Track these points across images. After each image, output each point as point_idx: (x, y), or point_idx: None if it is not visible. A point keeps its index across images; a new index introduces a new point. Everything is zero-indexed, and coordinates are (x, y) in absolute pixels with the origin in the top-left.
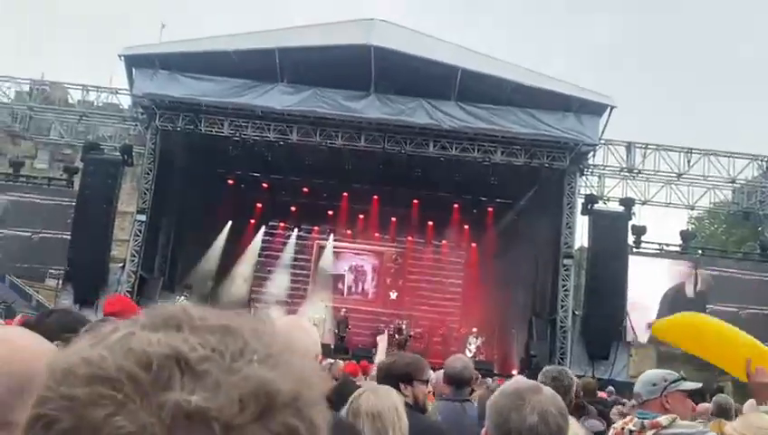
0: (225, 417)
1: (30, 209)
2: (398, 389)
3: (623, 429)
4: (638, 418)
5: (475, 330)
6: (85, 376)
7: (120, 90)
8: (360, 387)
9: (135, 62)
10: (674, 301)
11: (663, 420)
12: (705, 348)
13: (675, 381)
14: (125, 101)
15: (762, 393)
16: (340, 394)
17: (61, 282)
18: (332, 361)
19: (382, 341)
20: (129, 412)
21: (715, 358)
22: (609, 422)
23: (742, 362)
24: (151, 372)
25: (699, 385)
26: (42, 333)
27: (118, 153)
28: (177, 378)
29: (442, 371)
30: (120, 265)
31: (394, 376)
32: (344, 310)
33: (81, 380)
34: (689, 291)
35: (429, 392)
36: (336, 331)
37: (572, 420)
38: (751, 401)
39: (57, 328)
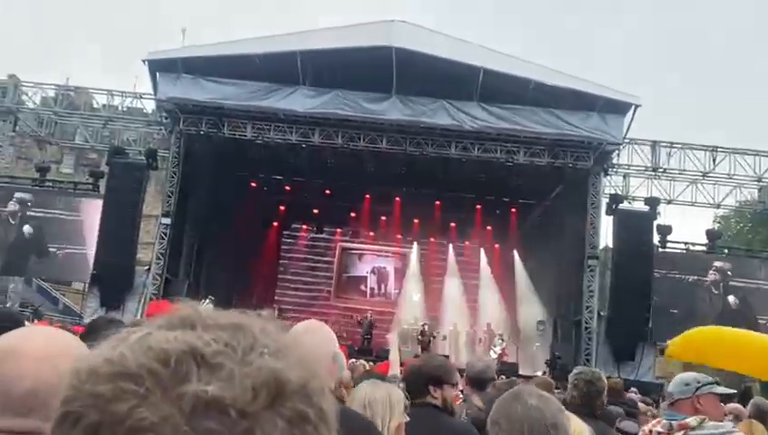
0: (240, 404)
1: (56, 226)
2: (428, 392)
3: (651, 431)
4: (666, 419)
5: (500, 332)
6: (108, 374)
7: (144, 94)
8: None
9: (159, 67)
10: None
11: (692, 420)
12: (727, 357)
13: (708, 384)
14: (149, 106)
15: None
16: None
17: (87, 285)
18: (354, 360)
19: (394, 338)
20: (150, 405)
21: (740, 365)
22: (638, 423)
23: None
24: (170, 367)
25: (733, 391)
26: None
27: (142, 157)
28: (194, 371)
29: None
30: (146, 268)
31: (424, 378)
32: (370, 313)
33: (104, 377)
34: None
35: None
36: (362, 333)
37: (574, 417)
38: None
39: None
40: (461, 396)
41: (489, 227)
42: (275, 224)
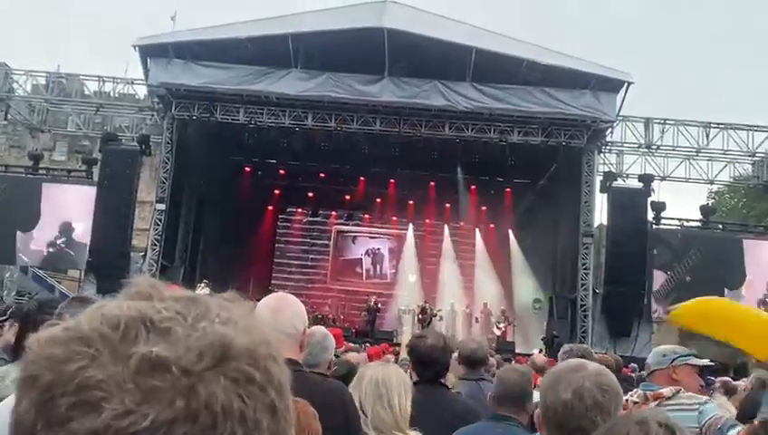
0: (184, 364)
1: None
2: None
3: (627, 401)
4: (642, 389)
5: (502, 308)
6: (63, 338)
7: (135, 80)
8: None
9: (149, 53)
10: None
11: (666, 391)
12: (731, 331)
13: (684, 356)
14: (141, 92)
15: None
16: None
17: (83, 272)
18: (348, 347)
19: (407, 323)
20: (99, 364)
21: (742, 341)
22: None
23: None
24: (119, 331)
25: (708, 362)
26: None
27: (135, 143)
28: (142, 335)
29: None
30: (142, 254)
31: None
32: (374, 298)
33: (59, 342)
34: None
35: None
36: (367, 319)
37: None
38: None
39: None
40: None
41: (484, 208)
42: (270, 208)
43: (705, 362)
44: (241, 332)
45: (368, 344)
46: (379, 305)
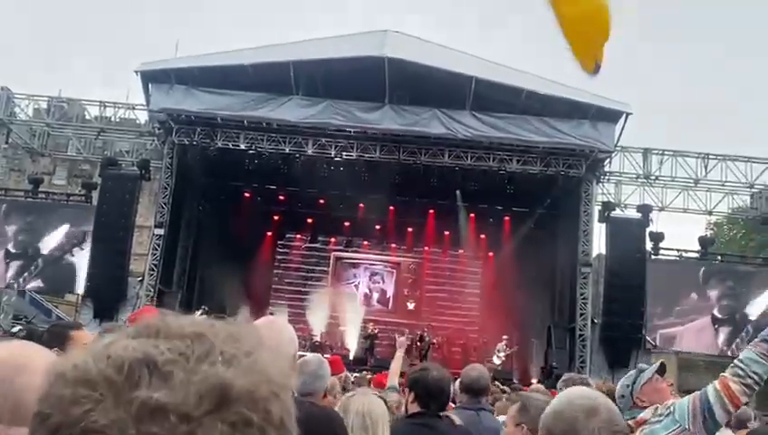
0: (184, 410)
1: None
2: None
3: None
4: (626, 418)
5: (505, 337)
6: (71, 379)
7: (136, 105)
8: None
9: (151, 78)
10: None
11: (645, 414)
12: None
13: (635, 381)
14: (142, 117)
15: None
16: None
17: (81, 297)
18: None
19: (401, 346)
20: (103, 409)
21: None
22: None
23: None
24: (123, 374)
25: (658, 364)
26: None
27: (135, 168)
28: (145, 378)
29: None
30: (139, 279)
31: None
32: (372, 325)
33: (68, 382)
34: None
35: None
36: (365, 346)
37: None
38: None
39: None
40: (452, 405)
41: (483, 236)
42: (269, 233)
43: (654, 367)
44: (242, 372)
45: (366, 372)
46: (377, 332)
